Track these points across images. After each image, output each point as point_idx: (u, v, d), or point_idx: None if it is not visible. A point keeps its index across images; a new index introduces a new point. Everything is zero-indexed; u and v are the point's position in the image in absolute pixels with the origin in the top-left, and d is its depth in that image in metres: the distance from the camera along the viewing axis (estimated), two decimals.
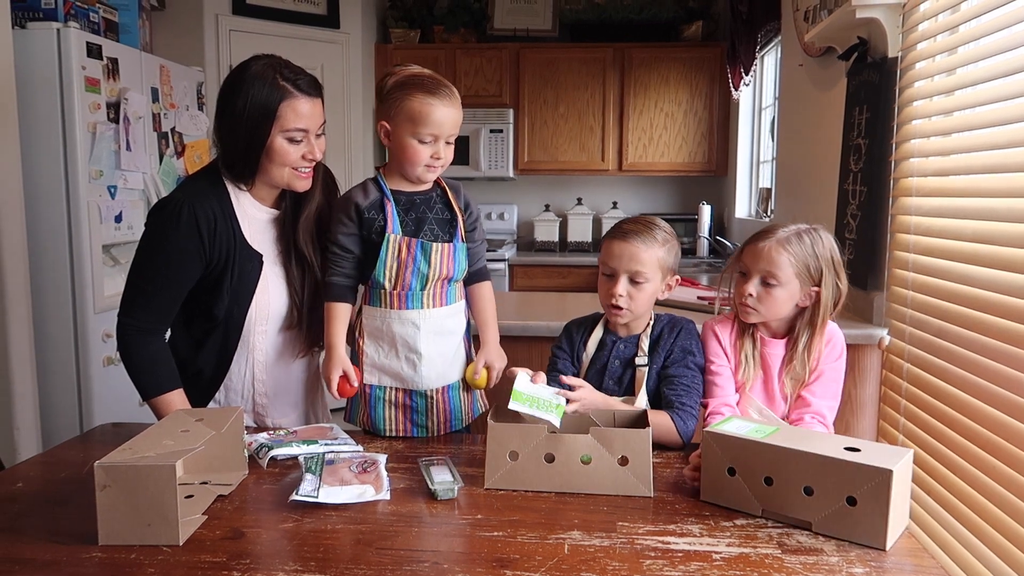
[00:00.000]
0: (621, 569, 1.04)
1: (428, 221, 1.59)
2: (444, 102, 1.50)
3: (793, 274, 1.48)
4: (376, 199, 1.58)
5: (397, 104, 1.51)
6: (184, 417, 1.33)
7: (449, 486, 1.28)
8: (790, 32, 3.08)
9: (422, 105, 1.49)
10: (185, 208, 1.50)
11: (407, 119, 1.51)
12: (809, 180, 2.89)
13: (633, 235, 1.54)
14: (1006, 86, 1.63)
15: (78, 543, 1.11)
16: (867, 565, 1.06)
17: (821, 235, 1.52)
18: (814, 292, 1.50)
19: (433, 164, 1.54)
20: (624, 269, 1.53)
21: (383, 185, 1.59)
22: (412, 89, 1.50)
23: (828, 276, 1.49)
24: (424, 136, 1.51)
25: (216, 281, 1.55)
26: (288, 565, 1.05)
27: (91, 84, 2.81)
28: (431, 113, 1.49)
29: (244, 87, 1.49)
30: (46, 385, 2.79)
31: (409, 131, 1.51)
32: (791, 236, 1.50)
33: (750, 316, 1.53)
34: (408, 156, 1.53)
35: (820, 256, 1.49)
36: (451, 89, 1.53)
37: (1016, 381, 1.52)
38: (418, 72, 1.54)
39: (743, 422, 1.31)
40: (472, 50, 4.70)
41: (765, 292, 1.49)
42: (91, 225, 2.82)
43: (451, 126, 1.52)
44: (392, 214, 1.56)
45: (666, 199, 5.03)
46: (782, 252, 1.48)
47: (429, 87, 1.50)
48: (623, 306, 1.53)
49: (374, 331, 1.61)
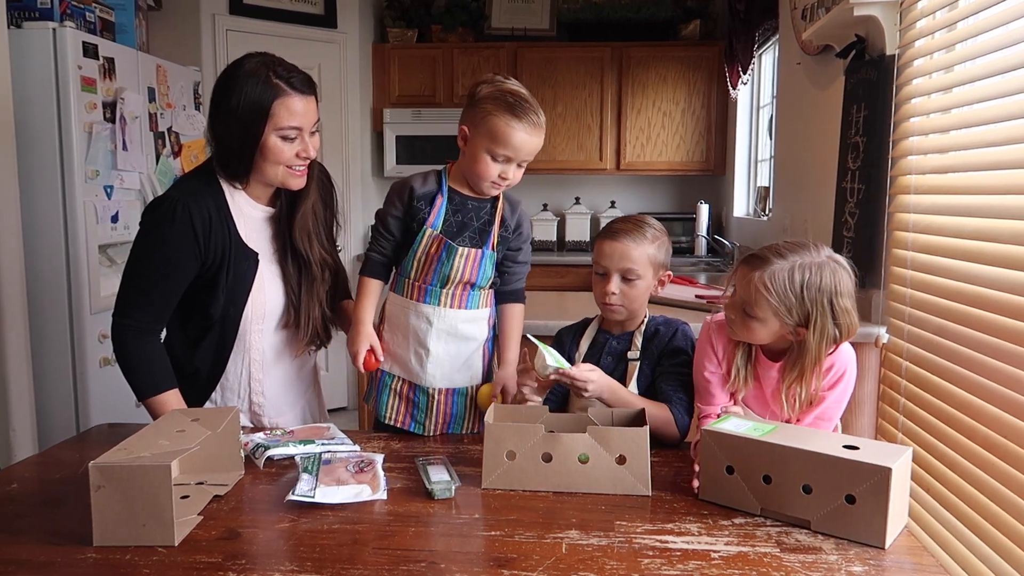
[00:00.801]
0: (619, 568, 1.04)
1: (471, 228, 1.61)
2: (527, 128, 1.50)
3: (771, 314, 1.37)
4: (431, 191, 1.61)
5: (483, 116, 1.51)
6: (180, 417, 1.33)
7: (446, 486, 1.28)
8: (788, 30, 3.08)
9: (506, 126, 1.49)
10: (179, 207, 1.50)
11: (487, 134, 1.51)
12: (807, 178, 2.89)
13: (623, 234, 1.56)
14: (1004, 83, 1.63)
15: (73, 544, 1.10)
16: (866, 563, 1.06)
17: (823, 273, 1.36)
18: (799, 331, 1.38)
19: (499, 183, 1.56)
20: (616, 268, 1.55)
21: (443, 180, 1.62)
22: (501, 107, 1.50)
23: (819, 320, 1.35)
24: (499, 155, 1.52)
25: (212, 280, 1.55)
26: (284, 565, 1.04)
27: (87, 84, 2.80)
28: (512, 136, 1.50)
29: (238, 85, 1.48)
30: (42, 386, 2.78)
31: (486, 146, 1.52)
32: (781, 272, 1.36)
33: (731, 334, 1.48)
34: (478, 169, 1.54)
35: (810, 299, 1.35)
36: (538, 116, 1.53)
37: (1016, 379, 1.52)
38: (514, 90, 1.53)
39: (741, 420, 1.31)
40: (470, 49, 4.69)
41: (741, 319, 1.42)
42: (87, 225, 2.81)
43: (528, 152, 1.53)
44: (439, 210, 1.59)
45: (664, 198, 5.03)
46: (761, 290, 1.36)
47: (517, 110, 1.50)
48: (616, 303, 1.56)
49: (393, 318, 1.65)
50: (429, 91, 4.70)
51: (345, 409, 4.49)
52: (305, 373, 1.77)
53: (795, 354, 1.41)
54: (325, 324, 1.70)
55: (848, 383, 1.45)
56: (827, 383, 1.44)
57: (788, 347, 1.44)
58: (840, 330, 1.38)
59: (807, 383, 1.41)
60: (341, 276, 1.79)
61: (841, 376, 1.44)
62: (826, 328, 1.37)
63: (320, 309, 1.68)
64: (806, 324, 1.37)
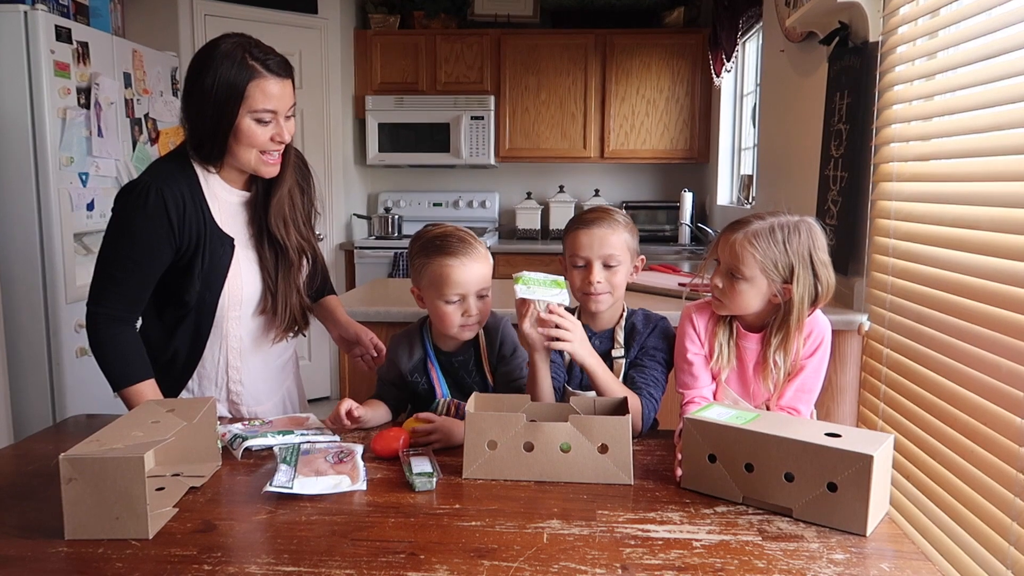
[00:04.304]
0: (600, 558, 1.03)
1: (466, 384, 1.60)
2: (463, 261, 1.49)
3: (758, 271, 1.40)
4: (419, 360, 1.61)
5: (420, 269, 1.53)
6: (154, 408, 1.30)
7: (427, 477, 1.26)
8: (771, 17, 3.07)
9: (442, 268, 1.49)
10: (152, 191, 1.47)
11: (430, 284, 1.52)
12: (790, 166, 2.89)
13: (597, 222, 1.55)
14: (986, 69, 1.62)
15: (45, 537, 1.08)
16: (847, 551, 1.06)
17: (800, 229, 1.42)
18: (785, 289, 1.41)
19: (467, 323, 1.52)
20: (597, 256, 1.54)
21: (427, 343, 1.61)
22: (432, 253, 1.51)
23: (802, 274, 1.40)
24: (451, 297, 1.50)
25: (187, 266, 1.52)
26: (261, 558, 1.03)
27: (60, 69, 2.74)
28: (451, 275, 1.49)
29: (212, 66, 1.45)
30: (17, 377, 2.74)
31: (435, 295, 1.51)
32: (763, 230, 1.41)
33: (718, 308, 1.49)
34: (440, 320, 1.53)
35: (793, 252, 1.40)
36: (470, 244, 1.51)
37: (994, 365, 1.53)
38: (438, 233, 1.54)
39: (724, 408, 1.30)
40: (452, 36, 4.65)
41: (730, 285, 1.43)
42: (62, 213, 2.76)
43: (476, 283, 1.51)
44: (437, 377, 1.59)
45: (648, 186, 5.02)
46: (747, 247, 1.40)
47: (447, 250, 1.50)
48: (603, 290, 1.54)
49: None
50: (412, 78, 4.66)
51: (328, 399, 4.46)
52: (284, 362, 1.75)
53: (780, 317, 1.43)
54: (303, 311, 1.69)
55: (826, 351, 1.48)
56: (806, 351, 1.46)
57: (769, 320, 1.46)
58: (820, 286, 1.42)
59: (790, 348, 1.43)
60: (320, 264, 1.76)
61: (820, 344, 1.47)
62: (808, 283, 1.41)
63: (297, 296, 1.65)
64: (791, 279, 1.40)
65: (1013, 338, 1.46)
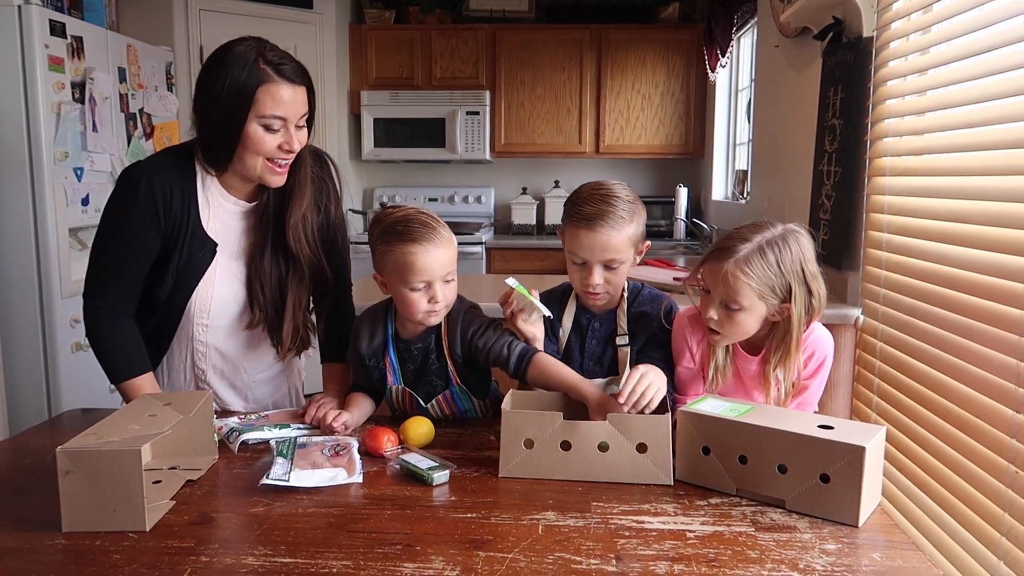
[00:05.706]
0: (595, 548, 1.04)
1: (425, 373, 1.56)
2: (427, 247, 1.43)
3: (756, 298, 1.35)
4: (379, 345, 1.56)
5: (383, 256, 1.47)
6: (151, 401, 1.31)
7: (440, 470, 1.26)
8: (766, 13, 3.07)
9: (405, 256, 1.43)
10: (143, 179, 1.46)
11: (394, 271, 1.46)
12: (785, 161, 2.90)
13: (599, 222, 1.45)
14: (979, 64, 1.63)
15: (42, 530, 1.08)
16: (840, 542, 1.07)
17: (788, 243, 1.36)
18: (783, 308, 1.37)
19: (433, 309, 1.47)
20: (597, 259, 1.47)
21: (388, 328, 1.57)
22: (394, 240, 1.44)
23: (798, 290, 1.35)
24: (415, 284, 1.45)
25: (163, 259, 1.50)
26: (257, 550, 1.03)
27: (55, 63, 2.73)
28: (414, 262, 1.43)
29: (224, 68, 1.40)
30: (13, 372, 2.74)
31: (399, 282, 1.46)
32: (752, 254, 1.34)
33: (717, 341, 1.43)
34: (405, 307, 1.48)
35: (787, 271, 1.35)
36: (433, 229, 1.45)
37: (986, 359, 1.54)
38: (400, 217, 1.47)
39: (718, 401, 1.31)
40: (448, 31, 4.64)
41: (727, 316, 1.37)
42: (57, 208, 2.76)
43: (441, 268, 1.45)
44: (392, 365, 1.55)
45: (643, 181, 5.03)
46: (740, 276, 1.34)
47: (409, 235, 1.43)
48: (601, 291, 1.51)
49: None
50: (407, 73, 4.66)
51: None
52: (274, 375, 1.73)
53: (778, 335, 1.40)
54: (306, 330, 1.64)
55: (828, 369, 1.45)
56: (809, 371, 1.43)
57: (766, 336, 1.43)
58: (815, 301, 1.38)
59: (790, 364, 1.40)
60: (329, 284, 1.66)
61: (822, 364, 1.44)
62: (804, 299, 1.37)
63: (303, 315, 1.62)
64: (788, 299, 1.36)
65: (1004, 331, 1.47)
